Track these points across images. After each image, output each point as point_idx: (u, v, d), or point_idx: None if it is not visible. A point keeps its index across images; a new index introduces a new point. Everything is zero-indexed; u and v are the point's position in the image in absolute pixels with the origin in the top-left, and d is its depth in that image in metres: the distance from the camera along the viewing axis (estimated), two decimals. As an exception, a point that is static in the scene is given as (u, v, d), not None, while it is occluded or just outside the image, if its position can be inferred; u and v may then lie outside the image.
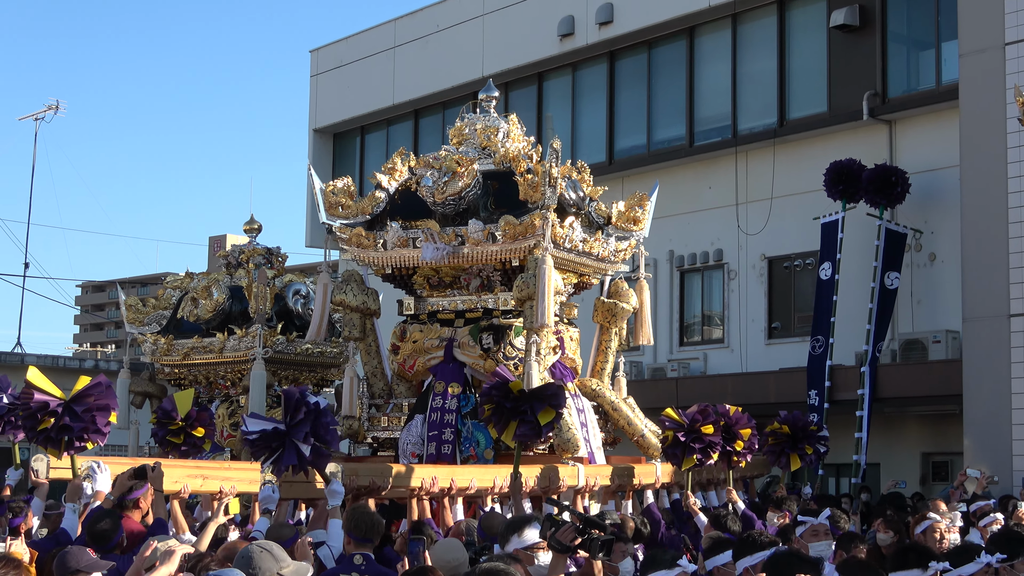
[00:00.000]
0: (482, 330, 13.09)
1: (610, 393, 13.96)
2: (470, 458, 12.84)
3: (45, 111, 40.93)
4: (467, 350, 13.09)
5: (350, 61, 32.82)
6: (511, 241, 12.44)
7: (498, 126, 13.60)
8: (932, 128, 22.15)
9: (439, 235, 12.75)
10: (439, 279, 13.13)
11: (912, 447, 21.76)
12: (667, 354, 25.83)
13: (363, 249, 13.07)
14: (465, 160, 12.81)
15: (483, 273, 12.93)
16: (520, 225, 12.36)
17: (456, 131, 13.57)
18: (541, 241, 12.32)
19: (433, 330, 13.21)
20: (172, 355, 15.96)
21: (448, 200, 12.76)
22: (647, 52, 26.82)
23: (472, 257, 12.71)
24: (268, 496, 10.26)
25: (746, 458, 13.75)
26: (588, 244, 13.16)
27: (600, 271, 13.85)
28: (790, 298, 24.16)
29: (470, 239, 12.64)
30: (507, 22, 28.95)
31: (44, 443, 9.66)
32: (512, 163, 12.94)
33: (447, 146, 13.51)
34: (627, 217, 13.74)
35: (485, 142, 13.43)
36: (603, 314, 13.94)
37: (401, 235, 12.84)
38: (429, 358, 13.22)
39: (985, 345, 18.23)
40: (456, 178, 12.69)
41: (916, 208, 21.96)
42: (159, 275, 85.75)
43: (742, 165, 24.86)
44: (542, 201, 12.33)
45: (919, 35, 23.24)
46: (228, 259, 16.75)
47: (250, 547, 6.19)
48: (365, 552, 8.31)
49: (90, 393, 9.58)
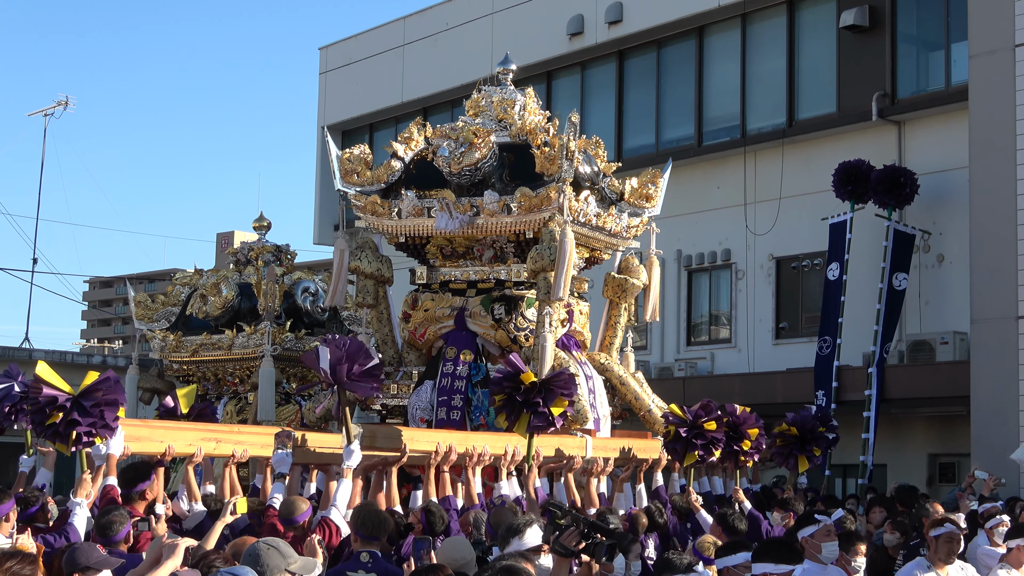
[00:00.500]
0: (494, 300, 13.13)
1: (618, 367, 14.00)
2: (480, 426, 12.86)
3: (54, 107, 40.99)
4: (478, 320, 13.15)
5: (359, 59, 32.85)
6: (526, 213, 12.49)
7: (515, 99, 13.64)
8: (941, 129, 22.13)
9: (454, 205, 12.80)
10: (452, 249, 13.19)
11: (919, 448, 21.74)
12: (674, 354, 25.84)
13: (378, 217, 13.13)
14: (482, 131, 12.84)
15: (496, 244, 12.98)
16: (536, 197, 12.41)
17: (473, 103, 13.62)
18: (557, 214, 12.35)
19: (445, 299, 13.26)
20: (181, 352, 15.99)
21: (464, 171, 12.79)
22: (656, 51, 26.83)
23: (486, 228, 12.77)
24: (281, 459, 10.33)
25: (753, 458, 13.76)
26: (601, 219, 13.20)
27: (612, 246, 13.90)
28: (798, 298, 24.15)
29: (485, 210, 12.69)
30: (516, 20, 28.96)
31: (52, 438, 9.70)
32: (529, 136, 12.97)
33: (464, 117, 13.53)
34: (640, 194, 13.77)
35: (502, 114, 13.47)
36: (613, 289, 13.98)
37: (416, 204, 12.89)
38: (440, 327, 13.28)
39: (993, 347, 18.24)
40: (473, 149, 12.71)
41: (925, 209, 21.95)
42: (167, 271, 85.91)
43: (751, 165, 24.85)
44: (559, 174, 12.36)
45: (929, 36, 23.22)
46: (237, 256, 16.79)
47: (257, 544, 6.21)
48: (372, 550, 8.33)
49: (98, 388, 9.61)
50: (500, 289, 13.09)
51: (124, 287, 21.55)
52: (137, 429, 10.30)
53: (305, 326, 16.02)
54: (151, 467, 10.32)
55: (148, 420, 11.81)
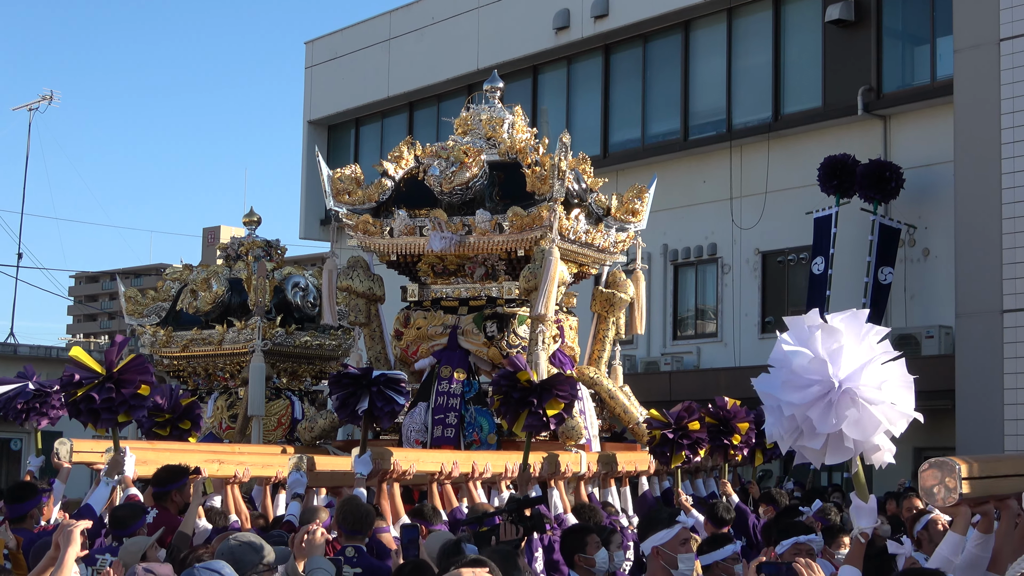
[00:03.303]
0: (486, 318, 13.18)
1: (607, 381, 14.08)
2: (473, 443, 12.94)
3: (39, 101, 40.98)
4: (471, 338, 13.19)
5: (345, 53, 32.85)
6: (518, 232, 12.53)
7: (503, 117, 13.68)
8: (926, 123, 22.23)
9: (447, 224, 12.84)
10: (444, 267, 13.21)
11: (904, 442, 21.48)
12: (660, 348, 25.91)
13: (369, 236, 13.15)
14: (473, 151, 12.88)
15: (488, 262, 13.02)
16: (528, 216, 12.46)
17: (461, 121, 13.65)
18: (548, 232, 12.41)
19: (437, 317, 13.30)
20: (171, 347, 15.98)
21: (456, 190, 12.83)
22: (642, 46, 26.90)
23: (478, 246, 12.80)
24: (297, 481, 10.46)
25: (743, 452, 13.84)
26: (591, 235, 13.28)
27: (599, 261, 13.98)
28: (784, 293, 24.24)
29: (477, 229, 12.73)
30: (502, 15, 29.00)
31: (86, 417, 9.77)
32: (519, 155, 13.02)
33: (454, 136, 13.58)
34: (626, 209, 13.85)
35: (490, 132, 13.52)
36: (601, 303, 14.05)
37: (408, 223, 12.92)
38: (432, 345, 13.31)
39: (978, 340, 18.31)
40: (464, 168, 12.75)
41: (910, 203, 22.05)
42: (153, 266, 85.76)
43: (736, 159, 24.94)
44: (550, 193, 12.43)
45: (914, 30, 23.32)
46: (227, 251, 16.79)
47: (228, 541, 6.31)
48: (357, 544, 8.36)
49: (131, 368, 9.73)
50: (492, 307, 13.13)
51: (110, 282, 21.52)
52: (144, 452, 10.33)
53: (295, 321, 16.04)
54: (185, 472, 10.33)
55: (155, 443, 11.83)
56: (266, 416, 15.28)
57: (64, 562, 5.84)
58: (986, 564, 6.21)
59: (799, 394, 6.25)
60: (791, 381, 6.30)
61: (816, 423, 6.24)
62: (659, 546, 7.27)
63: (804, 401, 6.23)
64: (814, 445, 6.33)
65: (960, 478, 6.01)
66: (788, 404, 6.28)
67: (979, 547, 6.22)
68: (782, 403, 6.31)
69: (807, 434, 6.32)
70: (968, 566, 6.22)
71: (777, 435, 6.35)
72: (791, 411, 6.26)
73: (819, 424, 6.25)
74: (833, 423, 6.20)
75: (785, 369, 6.31)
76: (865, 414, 6.27)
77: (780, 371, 6.33)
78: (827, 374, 6.20)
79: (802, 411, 6.24)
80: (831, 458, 6.34)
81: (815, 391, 6.23)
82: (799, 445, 6.41)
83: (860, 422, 6.28)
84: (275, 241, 16.89)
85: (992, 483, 6.22)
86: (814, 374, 6.23)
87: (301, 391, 16.15)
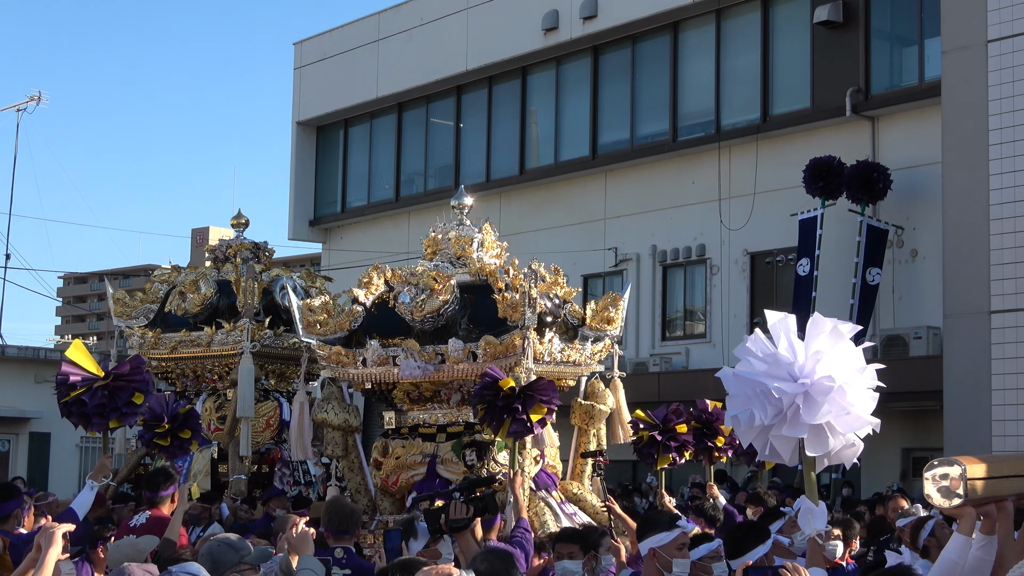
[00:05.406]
0: (464, 446, 12.85)
1: (591, 497, 13.80)
2: None
3: (27, 102, 40.77)
4: (451, 467, 12.91)
5: (334, 54, 32.85)
6: (491, 360, 12.25)
7: (472, 235, 13.28)
8: (914, 125, 22.28)
9: (419, 354, 12.61)
10: (419, 393, 12.95)
11: (892, 443, 21.83)
12: (649, 349, 25.94)
13: (343, 366, 12.87)
14: (442, 276, 12.57)
15: (463, 388, 12.79)
16: (500, 345, 12.20)
17: (430, 241, 13.26)
18: (522, 360, 12.19)
19: (415, 446, 12.94)
20: (159, 348, 15.95)
21: (427, 317, 12.61)
22: (631, 47, 26.93)
23: (453, 373, 12.58)
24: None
25: (727, 454, 13.86)
26: (566, 353, 13.00)
27: (577, 374, 13.68)
28: (772, 293, 24.26)
29: (451, 358, 12.51)
30: (491, 16, 29.01)
31: (78, 420, 9.75)
32: (489, 277, 12.76)
33: (423, 261, 13.27)
34: (601, 318, 13.47)
35: (460, 252, 13.19)
36: (581, 416, 13.68)
37: (381, 353, 12.64)
38: (412, 474, 12.97)
39: (966, 341, 18.33)
40: (434, 295, 12.48)
41: (898, 204, 22.10)
42: (141, 267, 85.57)
43: (725, 160, 24.97)
44: (522, 321, 12.22)
45: (902, 32, 23.38)
46: (216, 253, 16.76)
47: (209, 543, 6.40)
48: (345, 545, 8.36)
49: (126, 373, 9.70)
50: (470, 433, 12.91)
51: (99, 283, 21.47)
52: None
53: (284, 323, 16.02)
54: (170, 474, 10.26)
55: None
56: (254, 418, 15.28)
57: (45, 563, 5.92)
58: (990, 568, 6.16)
59: (787, 384, 6.39)
60: (774, 372, 6.42)
61: (803, 412, 6.36)
62: (656, 548, 7.38)
63: (795, 392, 6.35)
64: (793, 434, 6.42)
65: (965, 479, 5.99)
66: (778, 388, 6.38)
67: (982, 549, 6.18)
68: (771, 387, 6.41)
69: (790, 421, 6.42)
70: (972, 571, 6.18)
71: (747, 425, 6.46)
72: (780, 395, 6.37)
73: (805, 414, 6.36)
74: (818, 416, 6.32)
75: (769, 361, 6.43)
76: (846, 414, 6.41)
77: (761, 362, 6.44)
78: (810, 371, 6.31)
79: (790, 398, 6.36)
80: (810, 449, 6.45)
81: (798, 386, 6.36)
82: (774, 435, 6.50)
83: (846, 420, 6.40)
84: (263, 243, 16.88)
85: (995, 484, 6.20)
86: (795, 369, 6.36)
87: (289, 393, 16.13)
